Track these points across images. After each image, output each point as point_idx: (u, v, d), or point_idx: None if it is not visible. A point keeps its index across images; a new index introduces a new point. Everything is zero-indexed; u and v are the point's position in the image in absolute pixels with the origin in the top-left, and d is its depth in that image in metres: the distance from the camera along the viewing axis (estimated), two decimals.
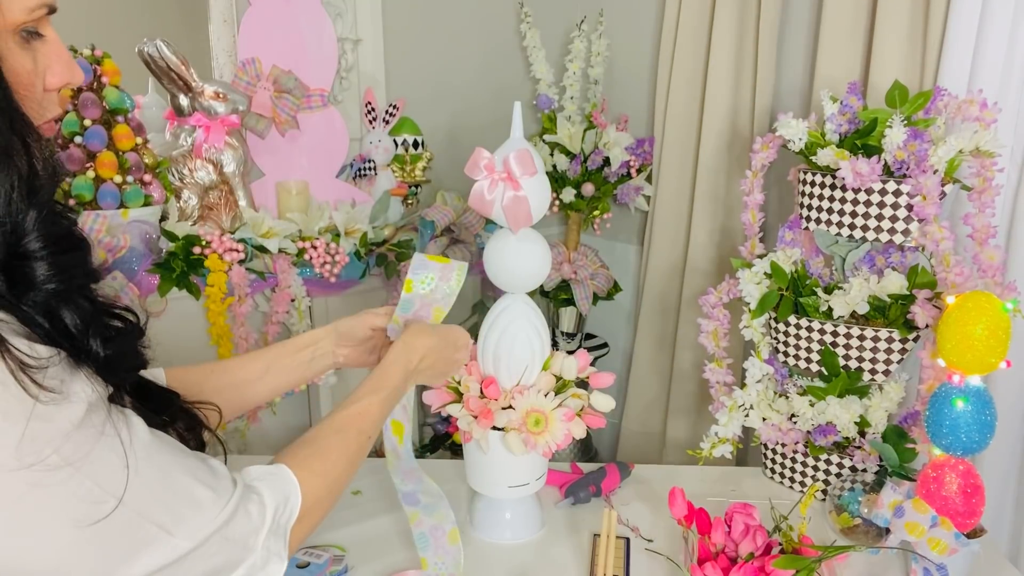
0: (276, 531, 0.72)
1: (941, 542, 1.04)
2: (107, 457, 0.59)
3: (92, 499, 0.58)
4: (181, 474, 0.65)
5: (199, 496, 0.66)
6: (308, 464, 0.78)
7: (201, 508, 0.65)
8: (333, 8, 1.82)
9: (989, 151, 1.23)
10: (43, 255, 0.59)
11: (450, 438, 1.96)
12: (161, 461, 0.64)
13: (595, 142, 2.07)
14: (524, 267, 1.15)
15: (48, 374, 0.56)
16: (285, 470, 0.76)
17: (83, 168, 1.41)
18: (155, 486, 0.62)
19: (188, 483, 0.65)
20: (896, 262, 1.36)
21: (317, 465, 0.79)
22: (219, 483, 0.68)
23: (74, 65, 0.66)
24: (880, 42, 1.54)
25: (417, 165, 1.93)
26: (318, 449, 0.81)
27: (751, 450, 1.61)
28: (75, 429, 0.57)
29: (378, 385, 0.91)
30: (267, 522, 0.71)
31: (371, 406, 0.88)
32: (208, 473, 0.68)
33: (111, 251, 1.39)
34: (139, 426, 0.63)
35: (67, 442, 0.56)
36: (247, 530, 0.69)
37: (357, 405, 0.87)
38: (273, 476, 0.75)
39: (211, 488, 0.67)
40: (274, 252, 1.63)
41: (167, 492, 0.63)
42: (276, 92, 1.74)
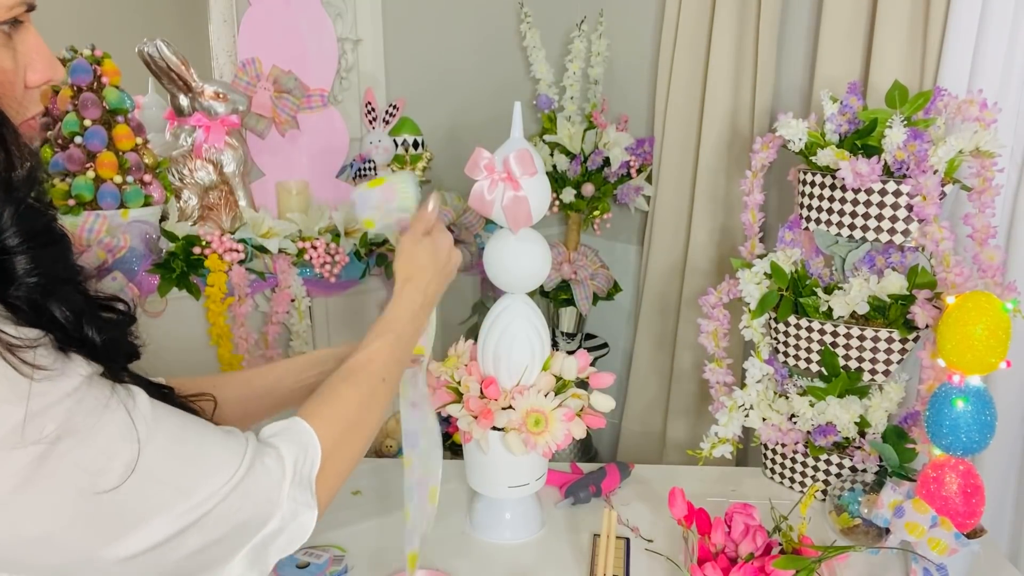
0: (300, 482, 0.71)
1: (941, 542, 1.04)
2: (113, 426, 0.59)
3: (99, 468, 0.58)
4: (192, 436, 0.65)
5: (212, 456, 0.65)
6: (319, 412, 0.77)
7: (216, 467, 0.65)
8: (333, 8, 1.82)
9: (989, 151, 1.23)
10: (22, 249, 0.59)
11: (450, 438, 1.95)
12: (169, 426, 0.64)
13: (595, 142, 2.07)
14: (524, 267, 1.15)
15: (39, 353, 0.56)
16: (299, 421, 0.75)
17: (83, 168, 1.41)
18: (166, 451, 0.62)
19: (199, 444, 0.65)
20: (896, 262, 1.36)
21: (328, 411, 0.78)
22: (231, 441, 0.68)
23: (55, 62, 0.66)
24: (880, 42, 1.54)
25: (417, 165, 1.93)
26: (328, 397, 0.80)
27: (751, 450, 1.60)
28: (75, 401, 0.57)
29: (384, 328, 0.89)
30: (288, 474, 0.70)
31: (379, 351, 0.86)
32: (219, 433, 0.68)
33: (111, 251, 1.39)
34: (142, 395, 0.63)
35: (68, 414, 0.56)
36: (267, 484, 0.68)
37: (364, 351, 0.86)
38: (287, 429, 0.74)
39: (223, 447, 0.67)
40: (274, 252, 1.63)
41: (179, 455, 0.63)
42: (276, 92, 1.74)
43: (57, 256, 0.62)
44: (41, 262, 0.60)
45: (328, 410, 0.78)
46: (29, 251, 0.59)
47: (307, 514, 0.71)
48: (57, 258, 0.62)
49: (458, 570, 1.16)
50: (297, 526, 0.71)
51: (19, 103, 0.63)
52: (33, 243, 0.60)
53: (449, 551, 1.20)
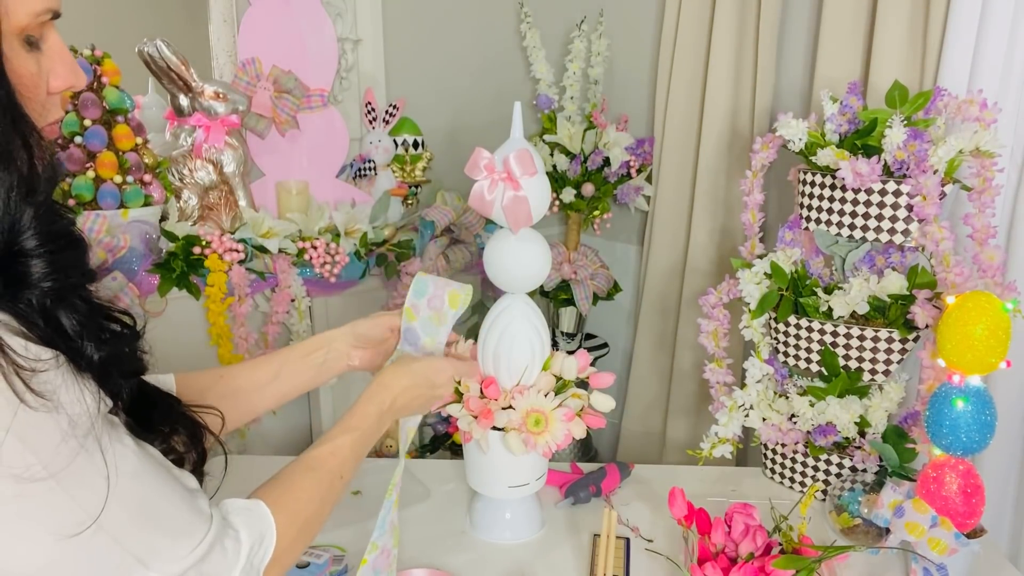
0: (249, 571, 0.72)
1: (941, 542, 1.04)
2: (89, 476, 0.59)
3: (71, 515, 0.58)
4: (162, 504, 0.65)
5: (177, 529, 0.65)
6: (282, 503, 0.78)
7: (178, 542, 0.65)
8: (333, 8, 1.82)
9: (989, 151, 1.23)
10: (40, 252, 0.59)
11: (450, 438, 1.96)
12: (143, 488, 0.63)
13: (595, 142, 2.07)
14: (524, 267, 1.15)
15: (41, 379, 0.56)
16: (263, 507, 0.76)
17: (83, 168, 1.41)
18: (134, 514, 0.62)
19: (168, 514, 0.65)
20: (896, 262, 1.36)
21: (290, 504, 0.79)
22: (198, 517, 0.68)
23: (77, 69, 0.67)
24: (880, 42, 1.54)
25: (417, 165, 1.93)
26: (290, 487, 0.81)
27: (751, 450, 1.60)
28: (62, 441, 0.57)
29: (351, 424, 0.90)
30: (241, 561, 0.70)
31: (343, 446, 0.88)
32: (189, 506, 0.68)
33: (111, 251, 1.39)
34: (128, 448, 0.63)
35: (54, 454, 0.56)
36: (222, 568, 0.69)
37: (329, 444, 0.87)
38: (250, 513, 0.75)
39: (190, 522, 0.67)
40: (274, 252, 1.63)
41: (146, 522, 0.63)
42: (276, 92, 1.74)
43: (74, 260, 0.63)
44: (58, 266, 0.60)
45: (290, 504, 0.79)
46: (47, 255, 0.59)
47: None
48: (74, 262, 0.62)
49: (458, 570, 1.16)
50: None
51: (42, 108, 0.64)
52: (52, 246, 0.60)
53: (449, 551, 1.20)
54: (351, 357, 1.05)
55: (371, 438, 0.93)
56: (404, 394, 0.97)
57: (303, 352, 1.02)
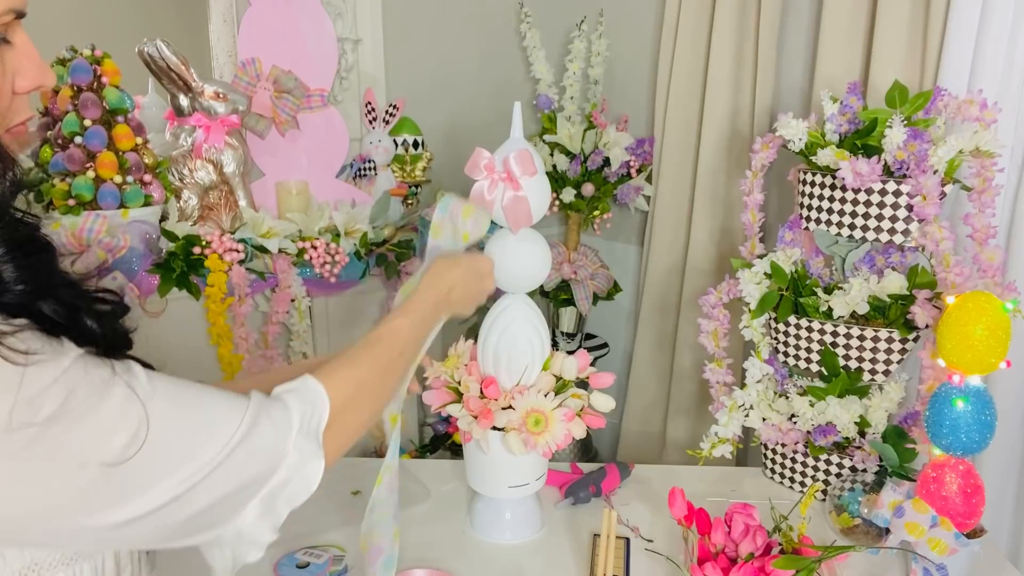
0: (306, 433, 0.71)
1: (941, 542, 1.04)
2: (112, 401, 0.59)
3: (101, 444, 0.58)
4: (191, 400, 0.65)
5: (213, 417, 0.65)
6: (335, 371, 0.78)
7: (217, 428, 0.65)
8: (333, 8, 1.82)
9: (989, 151, 1.23)
10: (7, 259, 0.59)
11: (450, 438, 1.96)
12: (169, 394, 0.64)
13: (595, 142, 2.07)
14: (524, 267, 1.15)
15: (25, 337, 0.56)
16: (310, 379, 0.76)
17: (83, 168, 1.41)
18: (168, 419, 0.62)
19: (199, 407, 0.65)
20: (896, 262, 1.36)
21: (344, 372, 0.79)
22: (232, 400, 0.68)
23: (45, 68, 0.65)
24: (880, 42, 1.54)
25: (417, 165, 1.93)
26: (346, 359, 0.81)
27: (751, 450, 1.61)
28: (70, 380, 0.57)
29: (409, 308, 0.92)
30: (294, 426, 0.70)
31: (401, 326, 0.89)
32: (218, 393, 0.68)
33: (111, 251, 1.39)
34: (138, 367, 0.63)
35: (65, 394, 0.56)
36: (273, 437, 0.68)
37: (388, 324, 0.88)
38: (297, 388, 0.74)
39: (224, 407, 0.67)
40: (274, 252, 1.63)
41: (181, 422, 0.63)
42: (276, 92, 1.74)
43: (42, 265, 0.62)
44: (27, 271, 0.59)
45: (344, 371, 0.79)
46: (13, 261, 0.59)
47: (313, 463, 0.71)
48: (42, 267, 0.62)
49: (458, 570, 1.16)
50: (303, 476, 0.71)
51: (7, 108, 0.63)
52: (17, 253, 0.59)
53: (449, 551, 1.20)
54: None
55: (428, 324, 0.94)
56: (460, 284, 0.99)
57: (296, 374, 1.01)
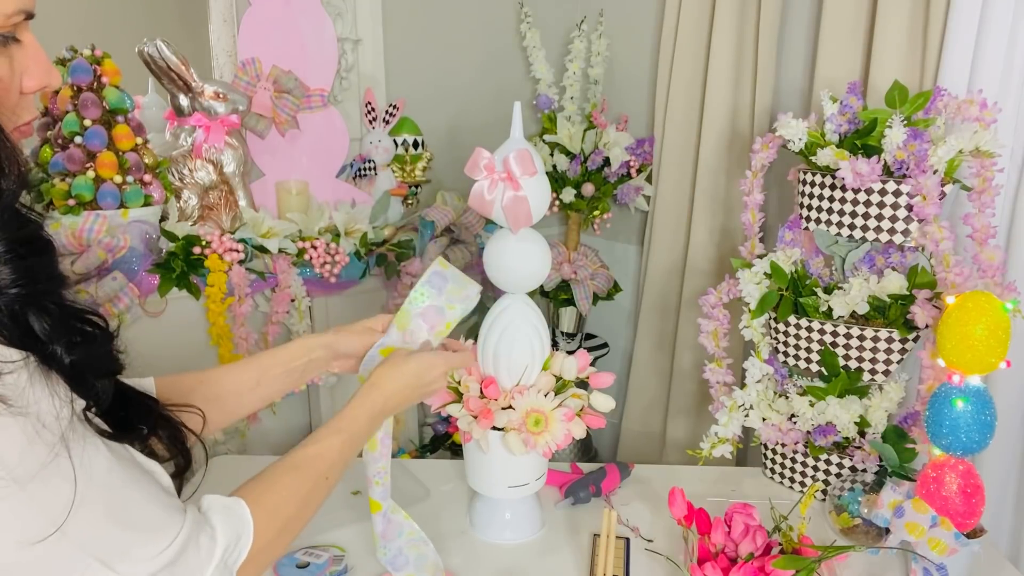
0: (223, 570, 0.71)
1: (941, 542, 1.04)
2: (55, 482, 0.58)
3: (35, 522, 0.57)
4: (133, 506, 0.64)
5: (149, 529, 0.65)
6: (263, 502, 0.77)
7: (149, 542, 0.64)
8: (333, 8, 1.82)
9: (989, 151, 1.23)
10: (7, 259, 0.58)
11: (450, 438, 1.96)
12: (113, 491, 0.63)
13: (595, 142, 2.07)
14: (524, 267, 1.15)
15: (7, 381, 0.56)
16: (242, 506, 0.75)
17: (83, 168, 1.41)
18: (101, 518, 0.61)
19: (139, 515, 0.64)
20: (896, 262, 1.36)
21: (271, 503, 0.78)
22: (171, 516, 0.67)
23: (52, 68, 0.66)
24: (880, 42, 1.54)
25: (417, 165, 1.93)
26: (272, 486, 0.80)
27: (751, 450, 1.60)
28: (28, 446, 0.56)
29: (340, 426, 0.90)
30: (215, 559, 0.70)
31: (330, 448, 0.87)
32: (162, 505, 0.67)
33: (111, 251, 1.39)
34: (97, 452, 0.62)
35: (18, 460, 0.56)
36: (195, 566, 0.68)
37: (316, 446, 0.86)
38: (228, 511, 0.74)
39: (162, 521, 0.66)
40: (274, 252, 1.63)
41: (114, 525, 0.62)
42: (276, 92, 1.74)
43: (42, 266, 0.61)
44: (25, 272, 0.59)
45: (270, 502, 0.78)
46: (13, 260, 0.59)
47: None
48: (41, 268, 0.61)
49: (458, 570, 1.16)
50: None
51: (12, 109, 0.64)
52: (19, 251, 0.59)
53: (449, 551, 1.20)
54: (331, 366, 1.05)
55: (361, 439, 0.93)
56: (395, 395, 0.97)
57: (284, 361, 1.01)
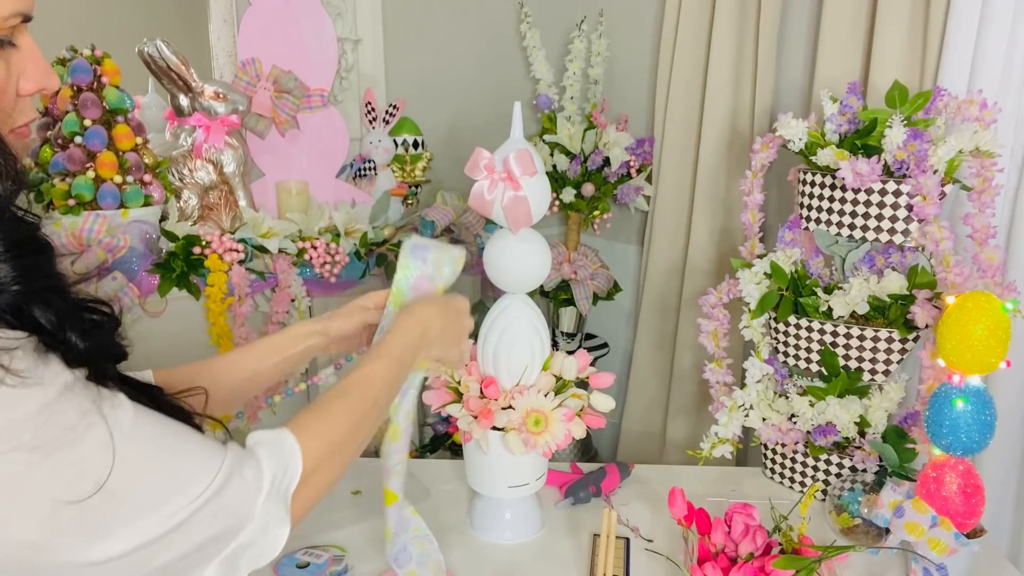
0: (275, 496, 0.71)
1: (941, 542, 1.04)
2: (89, 439, 0.58)
3: (71, 480, 0.57)
4: (170, 447, 0.64)
5: (188, 468, 0.65)
6: (309, 427, 0.77)
7: (190, 480, 0.64)
8: (333, 8, 1.82)
9: (989, 151, 1.23)
10: (5, 258, 0.58)
11: (450, 438, 1.96)
12: (147, 440, 0.63)
13: (595, 142, 2.07)
14: (524, 267, 1.15)
15: (15, 356, 0.56)
16: (286, 434, 0.75)
17: (83, 168, 1.41)
18: (140, 467, 0.61)
19: (176, 456, 0.64)
20: (896, 262, 1.36)
21: (318, 428, 0.78)
22: (210, 454, 0.67)
23: (49, 71, 0.66)
24: (880, 42, 1.54)
25: (417, 165, 1.93)
26: (320, 413, 0.80)
27: (751, 450, 1.60)
28: (52, 412, 0.57)
29: (382, 351, 0.89)
30: (264, 488, 0.70)
31: (374, 372, 0.86)
32: (197, 444, 0.67)
33: (111, 251, 1.39)
34: (125, 404, 0.62)
35: (45, 425, 0.56)
36: (242, 498, 0.68)
37: (359, 372, 0.86)
38: (272, 443, 0.74)
39: (200, 459, 0.66)
40: (274, 252, 1.63)
41: (155, 469, 0.62)
42: (276, 92, 1.74)
43: (40, 265, 0.62)
44: (24, 271, 0.59)
45: (319, 426, 0.78)
46: (12, 260, 0.59)
47: (279, 529, 0.71)
48: (40, 267, 0.62)
49: (458, 570, 1.16)
50: (268, 540, 0.70)
51: (8, 112, 0.63)
52: (16, 252, 0.59)
53: (449, 551, 1.20)
54: (328, 349, 1.05)
55: (403, 366, 0.92)
56: (434, 322, 0.95)
57: (280, 350, 1.01)
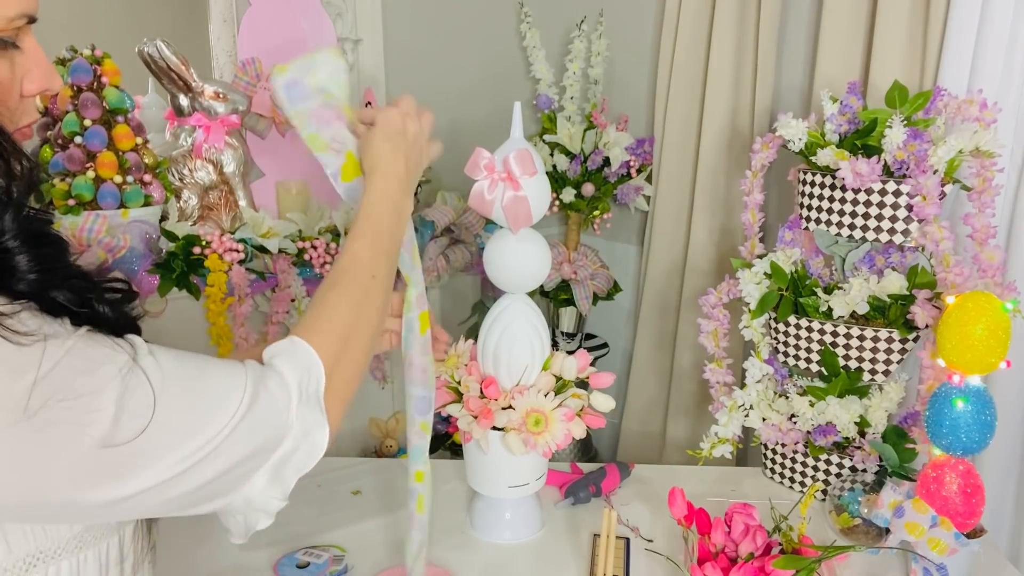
0: (307, 401, 0.71)
1: (941, 542, 1.04)
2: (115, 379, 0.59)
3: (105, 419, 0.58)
4: (193, 376, 0.65)
5: (215, 393, 0.65)
6: (315, 326, 0.77)
7: (219, 404, 0.65)
8: (333, 8, 1.82)
9: (989, 151, 1.23)
10: (22, 250, 0.60)
11: (450, 438, 1.96)
12: (170, 368, 0.64)
13: (595, 142, 2.07)
14: (524, 267, 1.15)
15: (23, 318, 0.57)
16: (297, 341, 0.74)
17: (83, 168, 1.41)
18: (172, 397, 0.62)
19: (201, 383, 0.65)
20: (896, 262, 1.36)
21: (324, 324, 0.78)
22: (232, 374, 0.68)
23: (53, 72, 0.67)
24: (880, 42, 1.54)
25: None
26: (320, 309, 0.79)
27: (751, 450, 1.60)
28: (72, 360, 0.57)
29: (360, 229, 0.86)
30: (293, 396, 0.70)
31: (360, 249, 0.84)
32: (218, 368, 0.68)
33: (111, 251, 1.39)
34: (141, 345, 0.63)
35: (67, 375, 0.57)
36: (274, 409, 0.69)
37: (345, 256, 0.84)
38: (287, 351, 0.74)
39: (225, 381, 0.67)
40: (274, 252, 1.63)
41: (184, 399, 0.63)
42: None
43: (55, 256, 0.63)
44: (40, 259, 0.60)
45: (323, 323, 0.78)
46: (27, 251, 0.60)
47: (319, 431, 0.72)
48: (56, 258, 0.63)
49: (458, 570, 1.16)
50: (310, 444, 0.71)
51: (13, 112, 0.64)
52: (32, 243, 0.60)
53: (449, 551, 1.20)
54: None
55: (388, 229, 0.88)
56: (395, 163, 0.90)
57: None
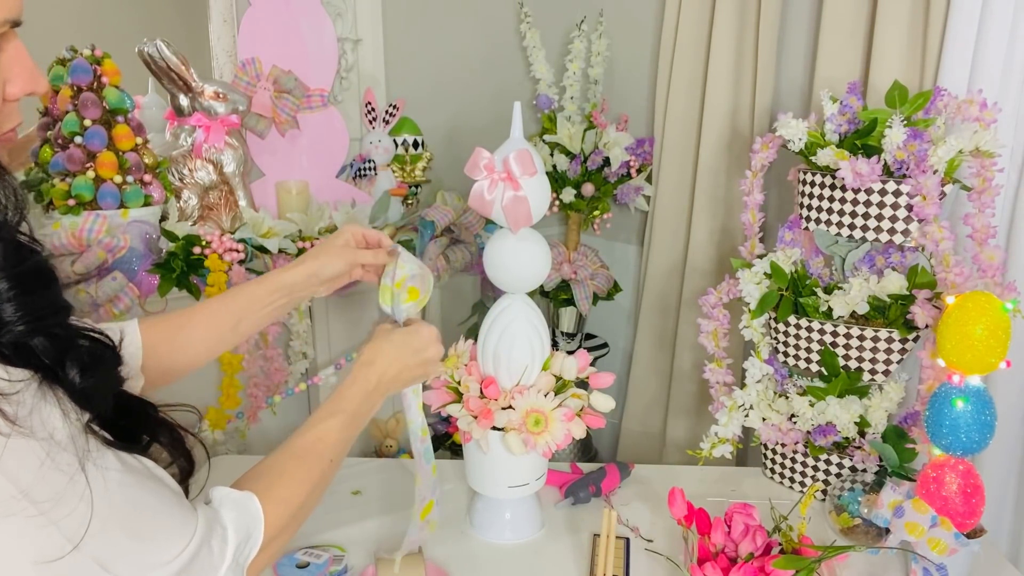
0: (235, 568, 0.72)
1: (941, 542, 1.04)
2: (72, 501, 0.58)
3: (53, 541, 0.57)
4: (147, 517, 0.64)
5: (163, 538, 0.65)
6: (273, 494, 0.78)
7: (163, 551, 0.65)
8: (333, 8, 1.82)
9: (989, 151, 1.23)
10: (10, 296, 0.57)
11: (450, 438, 1.96)
12: (127, 505, 0.63)
13: (595, 142, 2.07)
14: (524, 267, 1.15)
15: (12, 400, 0.55)
16: (254, 501, 0.76)
17: (83, 168, 1.41)
18: (117, 533, 0.61)
19: (153, 526, 0.65)
20: (896, 262, 1.36)
21: (280, 493, 0.79)
22: (185, 521, 0.68)
23: (38, 74, 0.65)
24: (880, 42, 1.54)
25: (417, 165, 1.93)
26: (279, 477, 0.80)
27: (751, 450, 1.61)
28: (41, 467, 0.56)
29: (336, 408, 0.89)
30: (227, 560, 0.71)
31: (329, 431, 0.87)
32: (174, 512, 0.67)
33: (111, 251, 1.39)
34: (109, 466, 0.62)
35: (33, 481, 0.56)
36: (207, 568, 0.69)
37: (315, 430, 0.86)
38: (240, 508, 0.75)
39: (177, 528, 0.67)
40: (274, 252, 1.63)
41: (129, 539, 0.62)
42: (276, 92, 1.74)
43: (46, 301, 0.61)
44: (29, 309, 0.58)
45: (282, 492, 0.79)
46: (17, 298, 0.58)
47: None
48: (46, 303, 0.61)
49: (458, 570, 1.16)
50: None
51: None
52: (21, 289, 0.58)
53: (449, 551, 1.20)
54: (316, 293, 1.05)
55: (359, 419, 0.92)
56: (389, 368, 0.95)
57: (263, 300, 1.00)
